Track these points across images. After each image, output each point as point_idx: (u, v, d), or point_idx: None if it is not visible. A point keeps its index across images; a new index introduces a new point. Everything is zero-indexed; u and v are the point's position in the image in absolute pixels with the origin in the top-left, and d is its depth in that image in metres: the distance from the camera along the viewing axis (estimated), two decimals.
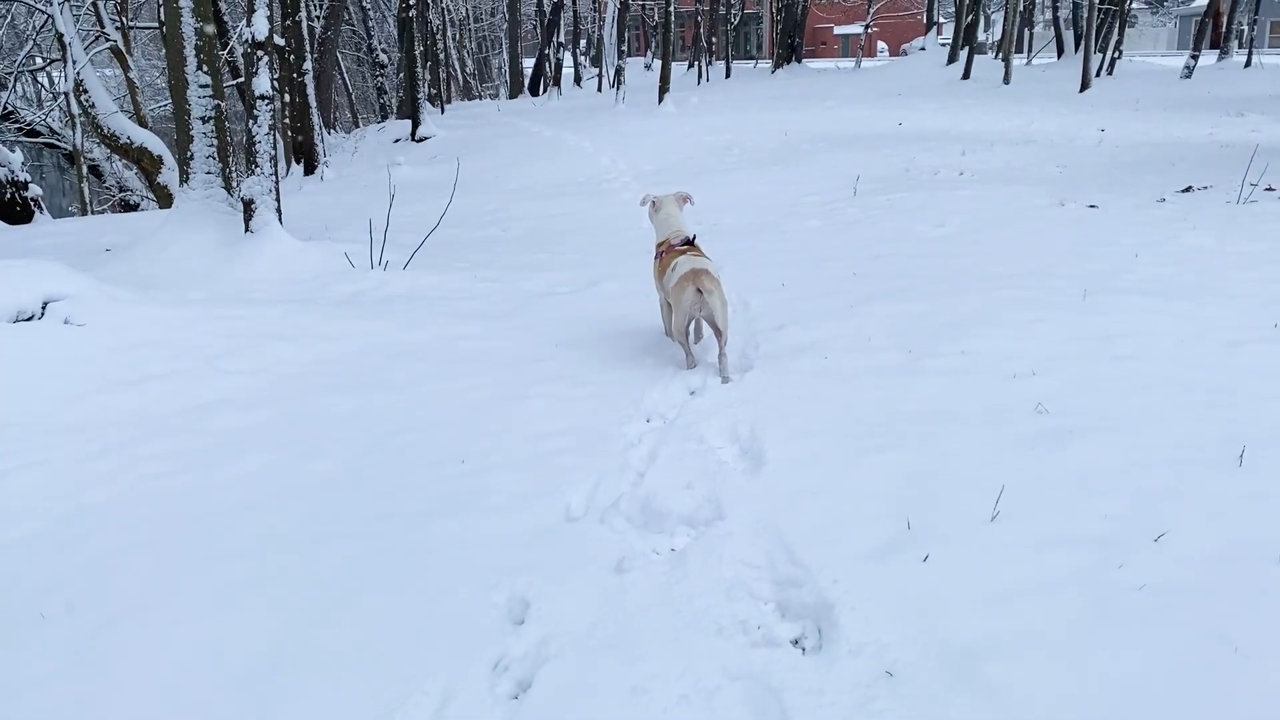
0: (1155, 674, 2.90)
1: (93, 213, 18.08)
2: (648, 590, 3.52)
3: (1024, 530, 3.66)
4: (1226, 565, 3.41)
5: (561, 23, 41.41)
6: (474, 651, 3.18)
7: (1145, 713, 2.74)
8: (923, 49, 42.49)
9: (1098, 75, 28.52)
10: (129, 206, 21.29)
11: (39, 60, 21.69)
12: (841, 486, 4.23)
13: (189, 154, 9.71)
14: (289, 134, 20.66)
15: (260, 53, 9.37)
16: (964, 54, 33.02)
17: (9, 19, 22.44)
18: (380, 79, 34.35)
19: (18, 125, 21.19)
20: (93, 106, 16.13)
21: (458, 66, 47.42)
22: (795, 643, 3.23)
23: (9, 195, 16.15)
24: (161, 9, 10.02)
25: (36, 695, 3.05)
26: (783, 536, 3.83)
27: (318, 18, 25.30)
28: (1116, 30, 32.44)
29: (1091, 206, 10.14)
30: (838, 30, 75.15)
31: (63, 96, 17.29)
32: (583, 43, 52.76)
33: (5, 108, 19.03)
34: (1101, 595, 3.23)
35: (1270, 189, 10.30)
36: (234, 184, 9.90)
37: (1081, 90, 25.57)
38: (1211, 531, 3.61)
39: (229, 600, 3.55)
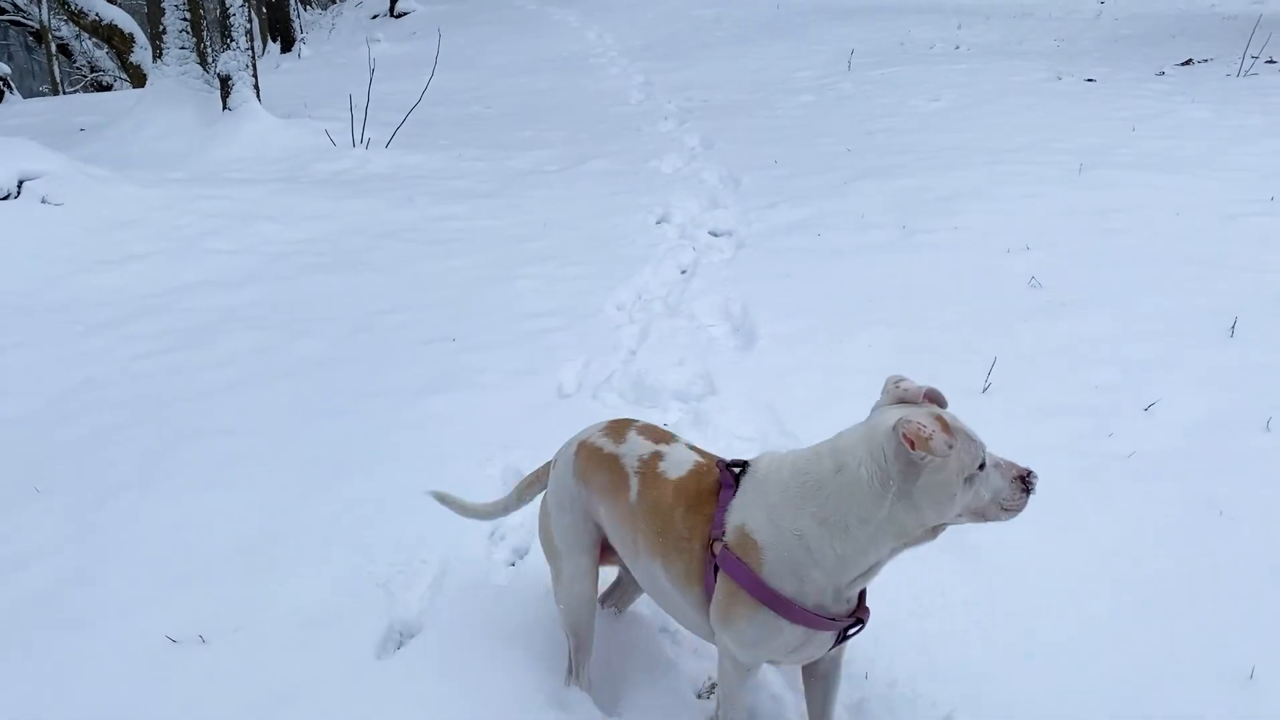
0: (1142, 537, 2.95)
1: (64, 93, 17.55)
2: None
3: (1015, 401, 3.67)
4: (1214, 432, 3.44)
5: None
6: (470, 522, 3.20)
7: (1132, 574, 2.80)
8: None
9: None
10: (102, 87, 20.63)
11: None
12: (833, 361, 4.23)
13: (161, 28, 9.37)
14: (263, 9, 19.94)
15: None
16: None
17: None
18: None
19: None
20: None
21: None
22: None
23: None
24: None
25: (36, 566, 3.08)
26: (774, 410, 3.85)
27: None
28: None
29: (1089, 80, 9.93)
30: None
31: None
32: None
33: None
34: (1092, 463, 3.27)
35: (1271, 61, 10.09)
36: (209, 60, 9.59)
37: None
38: (1201, 400, 3.64)
39: (223, 474, 3.56)
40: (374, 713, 2.47)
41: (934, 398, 2.05)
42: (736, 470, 2.20)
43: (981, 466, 1.97)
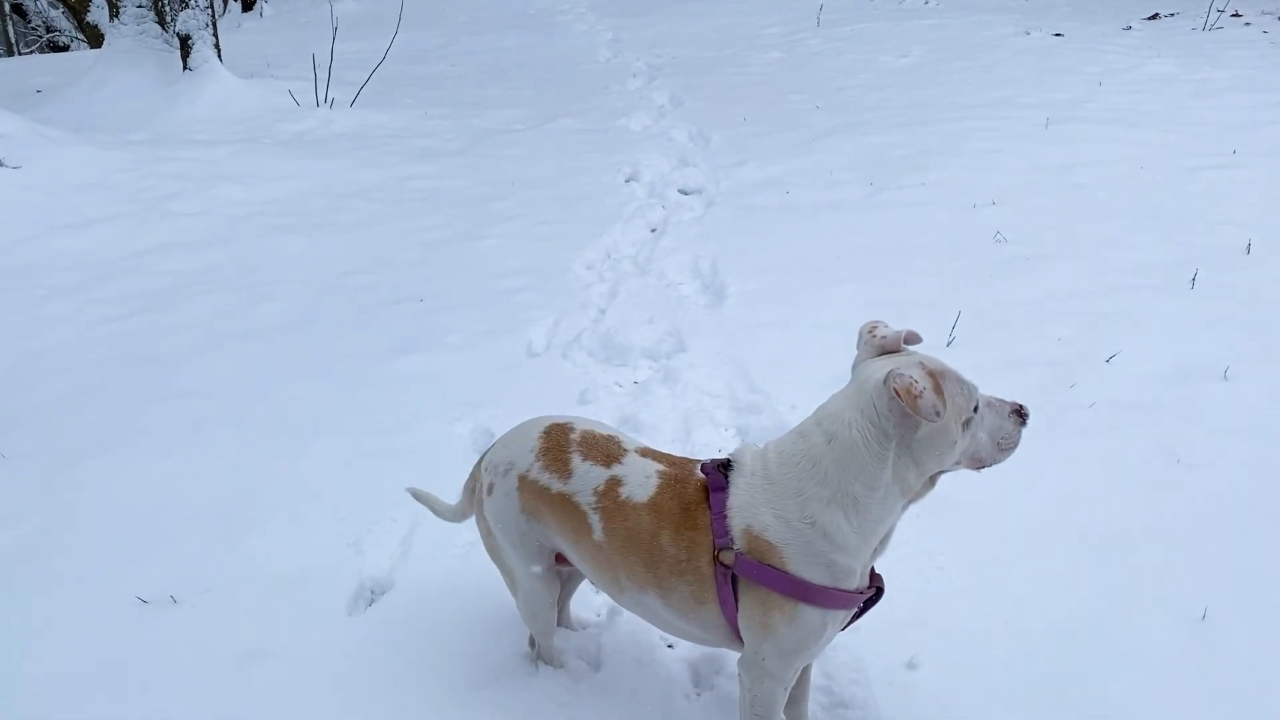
0: (1102, 485, 3.01)
1: (19, 54, 17.13)
2: (611, 420, 3.55)
3: (979, 353, 3.71)
4: (1173, 383, 3.50)
5: None
6: (439, 480, 3.20)
7: (1091, 521, 2.86)
8: None
9: None
10: (58, 47, 20.15)
11: None
12: (801, 318, 4.26)
13: None
14: None
15: None
16: None
17: None
18: None
19: None
20: None
21: None
22: None
23: None
24: None
25: (3, 530, 3.04)
26: (743, 366, 3.87)
27: None
28: None
29: (1057, 35, 9.94)
30: None
31: None
32: None
33: None
34: (1053, 413, 3.32)
35: (1236, 15, 10.13)
36: (168, 19, 9.40)
37: None
38: (1161, 351, 3.70)
39: (192, 436, 3.54)
40: (346, 669, 2.48)
41: (913, 340, 1.96)
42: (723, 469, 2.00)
43: (976, 409, 1.89)
